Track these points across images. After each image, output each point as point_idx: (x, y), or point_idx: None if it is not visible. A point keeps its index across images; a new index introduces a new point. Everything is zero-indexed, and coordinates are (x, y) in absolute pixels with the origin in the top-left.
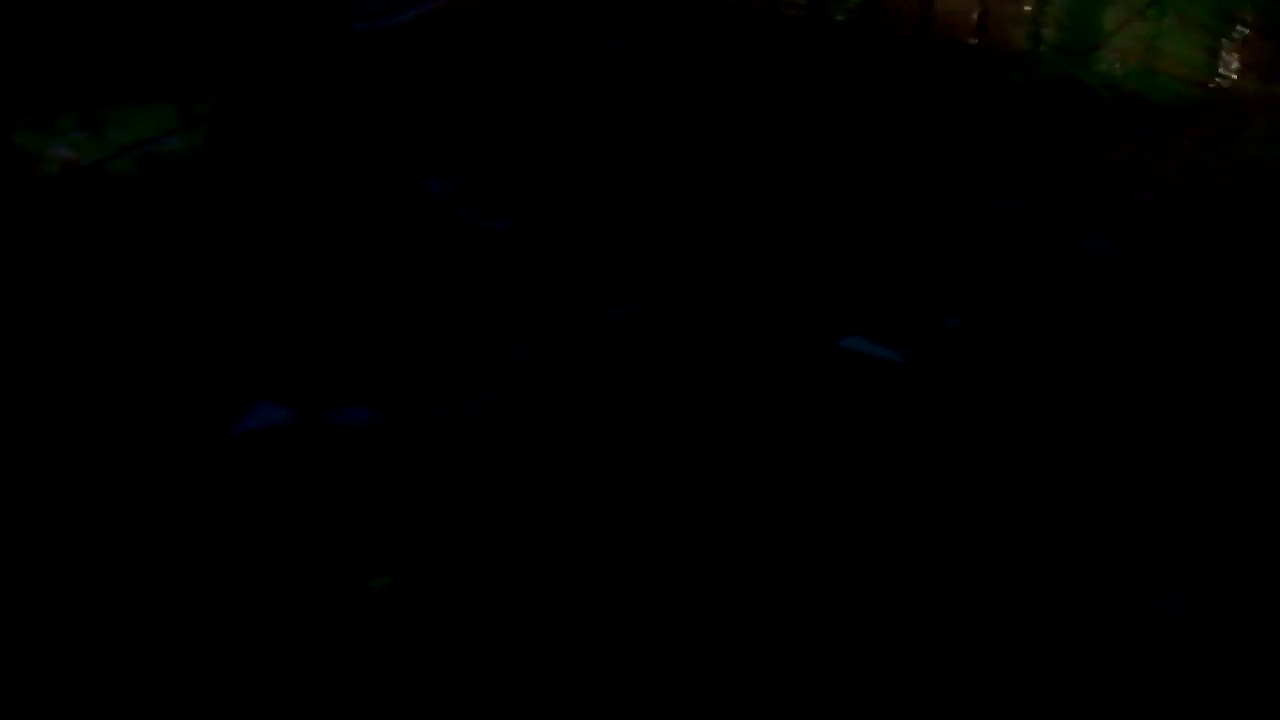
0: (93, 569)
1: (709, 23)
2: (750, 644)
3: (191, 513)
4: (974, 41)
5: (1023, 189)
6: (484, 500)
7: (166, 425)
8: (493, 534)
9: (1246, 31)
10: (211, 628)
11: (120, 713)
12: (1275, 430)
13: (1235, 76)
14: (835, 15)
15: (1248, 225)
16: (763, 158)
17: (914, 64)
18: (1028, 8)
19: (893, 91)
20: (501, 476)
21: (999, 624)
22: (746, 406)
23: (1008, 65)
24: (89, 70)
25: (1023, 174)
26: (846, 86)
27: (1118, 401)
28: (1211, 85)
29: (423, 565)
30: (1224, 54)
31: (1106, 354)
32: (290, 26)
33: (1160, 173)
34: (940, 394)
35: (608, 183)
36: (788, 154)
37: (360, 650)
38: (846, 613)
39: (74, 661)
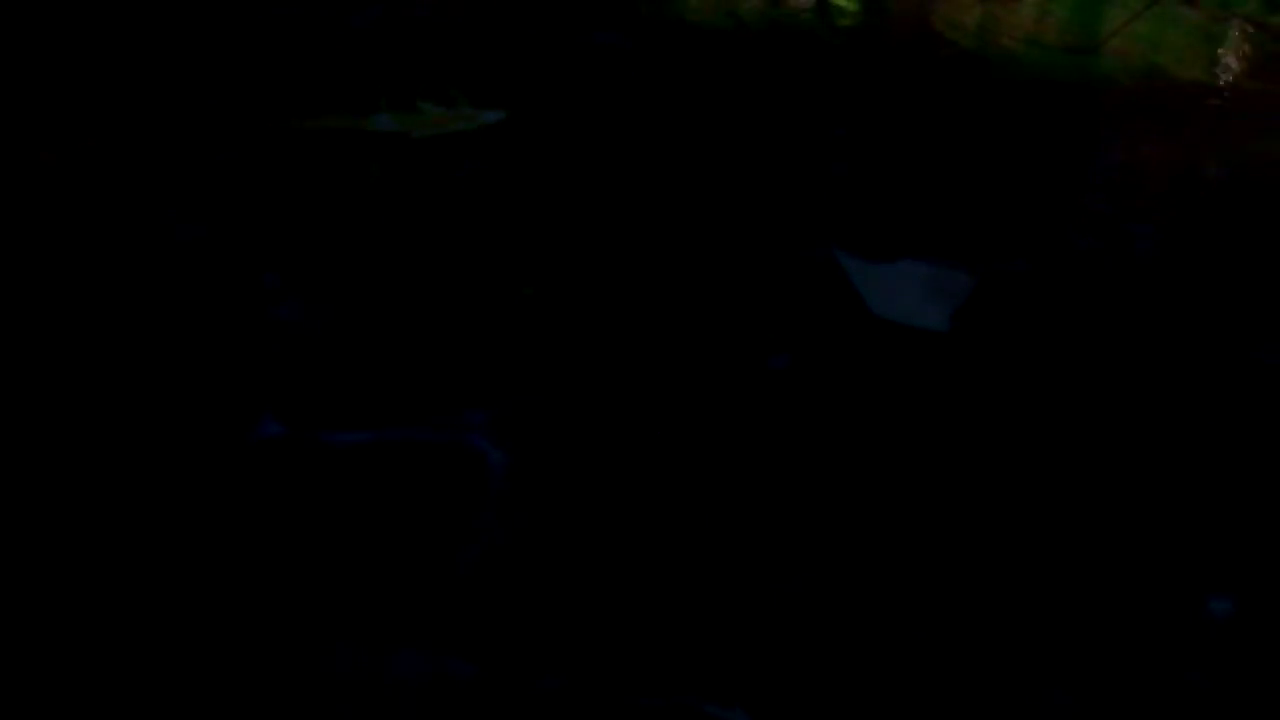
0: (137, 538)
1: (708, 21)
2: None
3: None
4: (976, 43)
5: (1025, 186)
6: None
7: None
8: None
9: (1245, 30)
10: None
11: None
12: None
13: (1234, 74)
14: (837, 16)
15: (1247, 218)
16: (767, 156)
17: (916, 65)
18: (1028, 8)
19: (895, 92)
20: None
21: (1058, 619)
22: (800, 376)
23: (1009, 65)
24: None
25: (1025, 171)
26: (849, 85)
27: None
28: (1211, 83)
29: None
30: (1223, 53)
31: (1138, 337)
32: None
33: (1161, 169)
34: (987, 368)
35: (622, 187)
36: (789, 155)
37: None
38: (909, 601)
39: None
